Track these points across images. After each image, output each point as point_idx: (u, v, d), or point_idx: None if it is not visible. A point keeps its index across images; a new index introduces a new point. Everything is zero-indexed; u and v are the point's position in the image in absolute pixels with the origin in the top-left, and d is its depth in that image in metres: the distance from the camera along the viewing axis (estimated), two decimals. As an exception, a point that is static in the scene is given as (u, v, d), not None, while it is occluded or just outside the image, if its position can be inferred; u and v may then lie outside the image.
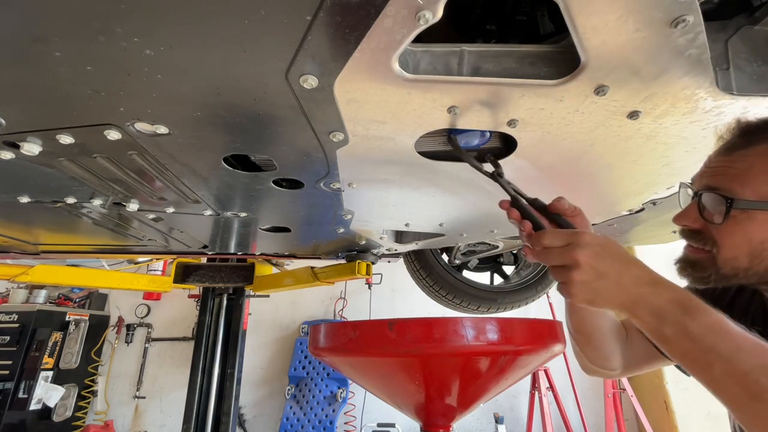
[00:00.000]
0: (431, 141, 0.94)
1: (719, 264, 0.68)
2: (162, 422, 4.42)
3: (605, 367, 0.91)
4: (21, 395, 3.55)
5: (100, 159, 0.88)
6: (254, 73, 0.61)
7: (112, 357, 4.60)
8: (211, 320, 2.81)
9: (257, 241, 1.76)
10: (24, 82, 0.63)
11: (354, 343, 1.11)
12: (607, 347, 0.88)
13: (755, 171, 0.64)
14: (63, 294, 4.48)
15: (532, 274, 2.31)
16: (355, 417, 4.12)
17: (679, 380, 3.85)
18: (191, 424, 2.51)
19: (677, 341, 0.54)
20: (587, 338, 0.89)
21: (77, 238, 1.59)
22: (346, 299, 4.74)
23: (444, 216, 1.36)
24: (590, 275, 0.59)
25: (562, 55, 0.64)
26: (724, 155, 0.69)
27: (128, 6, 0.48)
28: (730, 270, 0.67)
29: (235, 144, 0.84)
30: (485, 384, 1.18)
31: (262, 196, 1.14)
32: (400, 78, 0.62)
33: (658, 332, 0.56)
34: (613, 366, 0.90)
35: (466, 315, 2.10)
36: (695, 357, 0.53)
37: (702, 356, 0.52)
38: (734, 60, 0.63)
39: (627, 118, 0.72)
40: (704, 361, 0.52)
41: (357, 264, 2.05)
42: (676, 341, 0.54)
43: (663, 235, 1.65)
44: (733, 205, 0.64)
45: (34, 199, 1.12)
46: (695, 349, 0.53)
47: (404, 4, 0.49)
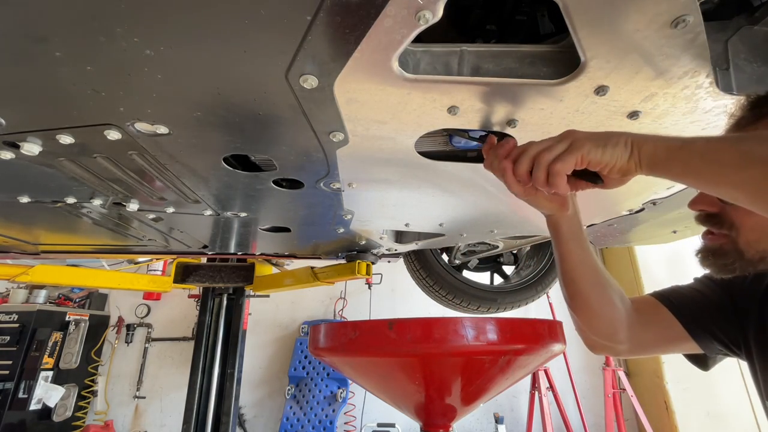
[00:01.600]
0: (431, 141, 0.94)
1: (741, 248, 0.65)
2: (162, 422, 4.42)
3: (611, 340, 0.84)
4: (21, 395, 3.54)
5: (100, 159, 0.88)
6: (254, 73, 0.61)
7: (112, 357, 4.60)
8: (211, 320, 2.81)
9: (257, 241, 1.76)
10: (24, 82, 0.63)
11: (354, 343, 1.10)
12: (607, 313, 0.82)
13: None
14: (63, 294, 4.47)
15: (532, 274, 2.31)
16: (355, 417, 4.12)
17: (679, 380, 3.85)
18: (191, 424, 2.51)
19: (710, 156, 0.51)
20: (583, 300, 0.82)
21: (77, 238, 1.59)
22: (346, 299, 4.74)
23: (444, 216, 1.36)
24: (591, 132, 0.61)
25: (562, 55, 0.64)
26: (734, 132, 0.67)
27: (128, 6, 0.48)
28: (754, 254, 0.65)
29: (235, 144, 0.84)
30: (485, 384, 1.17)
31: (262, 196, 1.14)
32: (400, 78, 0.62)
33: (679, 148, 0.54)
34: (620, 339, 0.83)
35: (466, 315, 2.10)
36: (733, 164, 0.50)
37: (740, 160, 0.49)
38: (734, 60, 0.63)
39: (627, 118, 0.72)
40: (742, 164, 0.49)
41: (357, 264, 2.05)
42: (709, 156, 0.52)
43: (663, 235, 1.65)
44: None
45: (34, 199, 1.12)
46: (733, 157, 0.50)
47: (404, 4, 0.49)
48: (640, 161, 0.58)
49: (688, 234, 1.62)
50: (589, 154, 0.60)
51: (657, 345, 0.88)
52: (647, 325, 0.85)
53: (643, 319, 0.85)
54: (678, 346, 0.85)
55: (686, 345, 0.83)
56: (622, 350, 0.85)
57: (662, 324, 0.84)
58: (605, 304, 0.82)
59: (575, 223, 0.80)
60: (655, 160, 0.57)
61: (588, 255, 0.81)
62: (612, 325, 0.82)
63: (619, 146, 0.59)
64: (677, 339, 0.83)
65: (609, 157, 0.59)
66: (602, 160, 0.60)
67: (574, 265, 0.81)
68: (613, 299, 0.82)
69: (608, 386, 3.52)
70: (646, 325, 0.85)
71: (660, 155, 0.56)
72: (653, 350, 0.91)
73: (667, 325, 0.83)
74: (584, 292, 0.81)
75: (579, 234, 0.80)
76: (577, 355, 4.36)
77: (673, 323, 0.83)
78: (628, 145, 0.59)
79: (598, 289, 0.81)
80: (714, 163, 0.51)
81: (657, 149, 0.56)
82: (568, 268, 0.82)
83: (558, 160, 0.61)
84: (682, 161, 0.54)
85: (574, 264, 0.81)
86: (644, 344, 0.87)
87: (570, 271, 0.82)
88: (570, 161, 0.61)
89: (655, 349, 0.91)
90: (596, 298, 0.81)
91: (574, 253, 0.80)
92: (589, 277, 0.81)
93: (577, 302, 0.83)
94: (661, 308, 0.85)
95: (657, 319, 0.84)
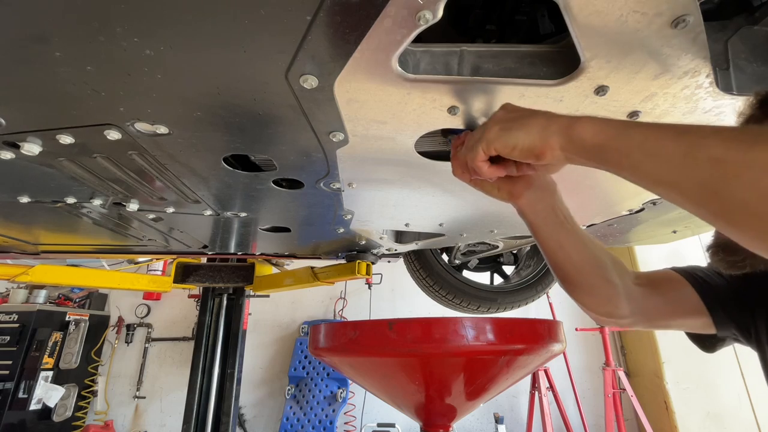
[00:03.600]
0: (431, 141, 0.94)
1: None
2: (162, 422, 4.42)
3: (611, 316, 0.81)
4: (21, 395, 3.55)
5: (100, 159, 0.88)
6: (254, 73, 0.61)
7: (112, 357, 4.60)
8: (211, 320, 2.81)
9: (257, 241, 1.76)
10: (24, 82, 0.63)
11: (354, 343, 1.11)
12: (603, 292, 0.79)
13: None
14: (63, 294, 4.47)
15: (532, 274, 2.31)
16: (355, 417, 4.12)
17: (679, 380, 3.86)
18: (191, 424, 2.51)
19: (650, 147, 0.45)
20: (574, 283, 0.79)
21: (77, 238, 1.59)
22: (346, 299, 4.74)
23: (444, 216, 1.36)
24: (511, 109, 0.59)
25: (562, 55, 0.64)
26: None
27: (128, 6, 0.48)
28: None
29: (235, 144, 0.84)
30: (485, 384, 1.18)
31: (262, 196, 1.14)
32: (400, 78, 0.62)
33: (615, 137, 0.48)
34: (621, 314, 0.80)
35: (466, 315, 2.10)
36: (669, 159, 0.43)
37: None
38: (734, 60, 0.63)
39: (627, 118, 0.72)
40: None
41: (357, 264, 2.05)
42: (649, 147, 0.45)
43: (663, 235, 1.65)
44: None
45: (34, 199, 1.12)
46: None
47: (404, 5, 0.49)
48: (562, 145, 0.53)
49: (688, 234, 1.62)
50: (493, 142, 0.57)
51: (667, 318, 0.85)
52: (662, 297, 0.83)
53: (655, 291, 0.83)
54: (690, 320, 0.82)
55: (698, 321, 0.81)
56: (627, 323, 0.83)
57: (679, 298, 0.81)
58: (599, 284, 0.78)
59: (542, 208, 0.75)
60: (584, 146, 0.51)
61: (568, 238, 0.77)
62: (610, 302, 0.79)
63: (529, 128, 0.55)
64: (692, 313, 0.80)
65: (514, 141, 0.55)
66: (508, 145, 0.56)
67: (554, 250, 0.78)
68: (607, 276, 0.78)
69: (608, 386, 3.52)
70: (661, 298, 0.83)
71: (591, 140, 0.50)
72: (662, 323, 0.88)
73: (685, 299, 0.81)
74: (572, 275, 0.79)
75: (550, 217, 0.76)
76: (577, 355, 4.36)
77: (692, 298, 0.80)
78: (544, 128, 0.54)
79: (588, 270, 0.78)
80: (654, 157, 0.44)
81: (585, 134, 0.50)
82: (549, 254, 0.79)
83: (468, 151, 0.61)
84: (617, 150, 0.48)
85: (553, 249, 0.78)
86: (653, 317, 0.84)
87: (552, 256, 0.79)
88: (477, 151, 0.59)
89: (665, 322, 0.87)
90: (587, 279, 0.78)
91: (550, 239, 0.77)
92: (575, 260, 0.77)
93: (568, 285, 0.81)
94: (682, 282, 0.82)
95: (675, 293, 0.82)
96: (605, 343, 3.68)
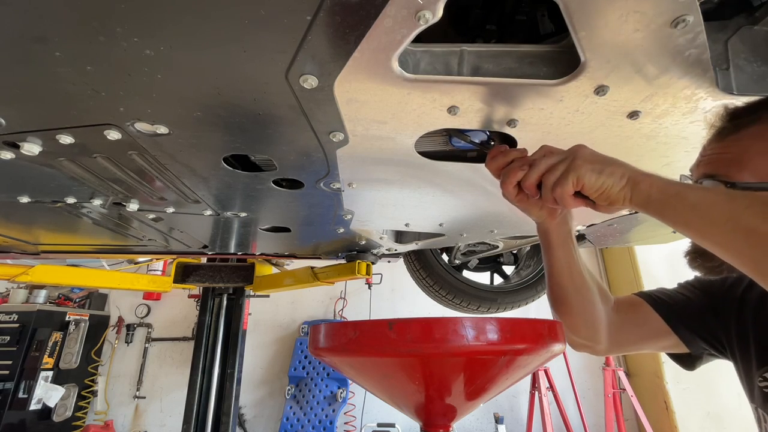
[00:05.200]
0: (431, 141, 0.94)
1: None
2: (162, 422, 4.42)
3: (591, 340, 0.87)
4: (21, 395, 3.55)
5: (100, 159, 0.88)
6: (254, 73, 0.61)
7: (112, 357, 4.60)
8: (211, 320, 2.81)
9: (257, 241, 1.76)
10: (24, 82, 0.63)
11: (354, 343, 1.10)
12: (589, 317, 0.84)
13: (751, 153, 0.64)
14: (63, 294, 4.48)
15: (532, 274, 2.31)
16: (355, 417, 4.12)
17: (679, 380, 3.86)
18: (191, 424, 2.51)
19: (701, 211, 0.53)
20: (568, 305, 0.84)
21: (77, 238, 1.59)
22: (346, 299, 4.74)
23: (444, 216, 1.36)
24: (594, 153, 0.63)
25: (562, 55, 0.64)
26: (716, 142, 0.70)
27: (128, 6, 0.48)
28: None
29: (235, 144, 0.84)
30: (485, 384, 1.17)
31: (262, 196, 1.14)
32: (400, 78, 0.62)
33: (675, 195, 0.56)
34: (599, 340, 0.86)
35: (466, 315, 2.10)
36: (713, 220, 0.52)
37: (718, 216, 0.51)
38: (734, 60, 0.63)
39: (627, 118, 0.72)
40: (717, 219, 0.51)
41: (357, 264, 2.05)
42: (700, 211, 0.53)
43: (663, 235, 1.65)
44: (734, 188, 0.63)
45: (34, 199, 1.12)
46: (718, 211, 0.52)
47: (404, 4, 0.49)
48: (632, 197, 0.60)
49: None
50: (583, 178, 0.61)
51: (637, 342, 0.91)
52: (628, 323, 0.88)
53: (625, 317, 0.88)
54: (659, 342, 0.86)
55: (667, 341, 0.85)
56: (601, 349, 0.88)
57: (643, 321, 0.86)
58: (588, 309, 0.84)
59: (565, 231, 0.82)
60: (648, 200, 0.58)
61: (574, 262, 0.83)
62: (593, 327, 0.85)
63: (615, 176, 0.61)
64: (658, 335, 0.85)
65: (601, 184, 0.61)
66: (595, 186, 0.61)
67: (561, 270, 0.83)
68: (595, 303, 0.85)
69: (608, 386, 3.52)
70: (627, 323, 0.88)
71: (653, 197, 0.58)
72: (633, 348, 0.94)
73: (648, 321, 0.86)
74: (568, 297, 0.84)
75: (567, 241, 0.82)
76: (577, 355, 4.36)
77: (654, 319, 0.85)
78: (623, 177, 0.60)
79: (582, 294, 0.84)
80: (703, 219, 0.53)
81: (652, 190, 0.58)
82: (555, 274, 0.84)
83: (558, 185, 0.63)
84: (674, 209, 0.56)
85: (560, 270, 0.83)
86: (623, 342, 0.90)
87: (556, 276, 0.84)
88: (568, 185, 0.62)
89: (635, 346, 0.93)
90: (579, 303, 0.84)
91: (561, 259, 0.83)
92: (575, 283, 0.83)
93: (561, 306, 0.86)
94: (644, 306, 0.87)
95: (639, 317, 0.87)
96: (605, 343, 3.68)
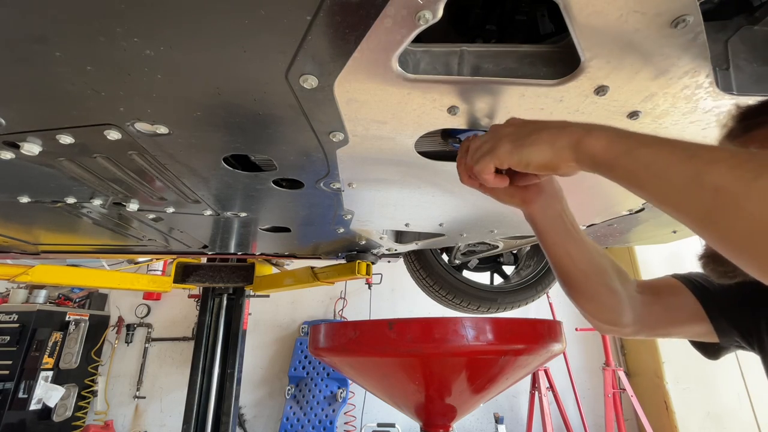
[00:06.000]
0: (431, 141, 0.94)
1: None
2: (162, 422, 4.42)
3: (614, 324, 0.81)
4: (21, 395, 3.55)
5: (100, 159, 0.88)
6: (254, 73, 0.61)
7: (112, 357, 4.60)
8: (211, 320, 2.81)
9: (257, 241, 1.76)
10: (24, 82, 0.63)
11: (354, 343, 1.10)
12: (606, 300, 0.79)
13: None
14: (63, 294, 4.47)
15: (532, 274, 2.31)
16: (355, 417, 4.12)
17: (679, 380, 3.85)
18: (191, 424, 2.51)
19: (656, 169, 0.45)
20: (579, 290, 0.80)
21: (77, 238, 1.59)
22: (346, 299, 4.74)
23: (444, 216, 1.36)
24: (520, 123, 0.59)
25: (562, 55, 0.64)
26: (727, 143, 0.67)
27: (128, 6, 0.48)
28: None
29: (235, 144, 0.84)
30: (485, 384, 1.17)
31: (262, 196, 1.14)
32: (400, 78, 0.62)
33: (625, 153, 0.48)
34: (624, 323, 0.81)
35: (466, 315, 2.10)
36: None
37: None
38: (734, 60, 0.63)
39: (627, 118, 0.72)
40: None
41: (357, 264, 2.05)
42: (655, 169, 0.45)
43: (663, 235, 1.65)
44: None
45: (34, 199, 1.12)
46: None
47: (404, 4, 0.49)
48: (576, 158, 0.53)
49: (688, 234, 1.62)
50: (506, 158, 0.58)
51: (668, 326, 0.85)
52: (661, 305, 0.83)
53: (658, 299, 0.83)
54: (691, 328, 0.82)
55: (699, 329, 0.81)
56: (628, 332, 0.83)
57: (680, 305, 0.81)
58: (603, 292, 0.79)
59: (551, 214, 0.76)
60: (594, 161, 0.51)
61: (574, 244, 0.77)
62: (613, 310, 0.80)
63: (539, 144, 0.55)
64: (692, 321, 0.80)
65: (523, 157, 0.56)
66: (520, 162, 0.57)
67: (560, 256, 0.78)
68: (611, 285, 0.79)
69: (608, 386, 3.52)
70: (660, 306, 0.83)
71: (599, 158, 0.51)
72: (662, 332, 0.88)
73: (685, 306, 0.81)
74: (578, 282, 0.79)
75: (558, 225, 0.76)
76: (577, 355, 4.36)
77: (691, 304, 0.80)
78: (554, 143, 0.54)
79: (592, 277, 0.78)
80: (660, 179, 0.45)
81: (596, 149, 0.51)
82: (555, 260, 0.80)
83: (477, 163, 0.61)
84: (625, 169, 0.48)
85: (559, 255, 0.78)
86: (654, 325, 0.85)
87: (557, 263, 0.79)
88: (486, 164, 0.59)
89: (665, 330, 0.87)
90: (592, 286, 0.79)
91: (558, 245, 0.77)
92: (579, 267, 0.78)
93: (572, 292, 0.81)
94: (682, 289, 0.82)
95: (674, 300, 0.82)
96: (605, 343, 3.69)
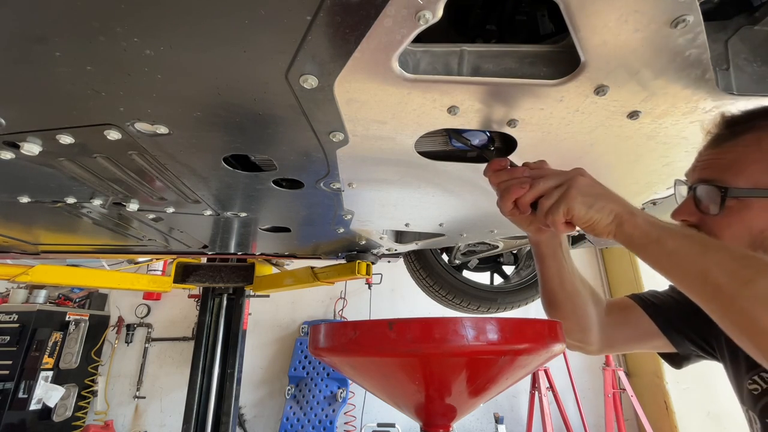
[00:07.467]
0: (431, 141, 0.94)
1: None
2: (162, 422, 4.42)
3: (582, 342, 0.91)
4: (21, 395, 3.55)
5: (100, 159, 0.88)
6: (254, 73, 0.61)
7: (112, 357, 4.60)
8: (211, 320, 2.81)
9: (257, 241, 1.76)
10: (24, 82, 0.63)
11: (354, 343, 1.10)
12: (580, 320, 0.88)
13: (747, 160, 0.66)
14: (63, 294, 4.48)
15: (532, 274, 2.31)
16: (355, 417, 4.12)
17: (679, 380, 3.85)
18: (191, 424, 2.51)
19: (676, 259, 0.57)
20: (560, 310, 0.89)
21: (77, 238, 1.59)
22: (346, 299, 4.74)
23: (444, 216, 1.36)
24: (589, 184, 0.66)
25: (562, 55, 0.64)
26: (713, 148, 0.71)
27: (128, 6, 0.48)
28: None
29: (235, 144, 0.84)
30: (485, 384, 1.17)
31: (262, 196, 1.14)
32: (400, 78, 0.62)
33: (655, 241, 0.59)
34: (590, 341, 0.90)
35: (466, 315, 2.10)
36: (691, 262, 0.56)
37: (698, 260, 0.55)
38: (734, 60, 0.63)
39: (627, 118, 0.72)
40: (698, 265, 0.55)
41: (357, 264, 2.05)
42: (675, 259, 0.57)
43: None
44: (728, 194, 0.66)
45: (34, 199, 1.12)
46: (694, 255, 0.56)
47: (404, 4, 0.49)
48: (616, 234, 0.63)
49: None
50: (573, 210, 0.64)
51: (628, 342, 0.94)
52: (620, 324, 0.92)
53: (617, 319, 0.92)
54: (649, 342, 0.90)
55: (657, 342, 0.88)
56: (593, 350, 0.92)
57: (635, 322, 0.89)
58: (579, 313, 0.88)
59: (555, 243, 0.86)
60: (631, 241, 0.62)
61: (565, 271, 0.87)
62: (584, 329, 0.89)
63: (603, 212, 0.63)
64: (648, 336, 0.88)
65: (589, 218, 0.64)
66: (583, 219, 0.65)
67: (552, 279, 0.88)
68: (586, 308, 0.89)
69: (608, 386, 3.52)
70: (619, 325, 0.92)
71: (635, 240, 0.61)
72: (624, 347, 0.99)
73: (639, 323, 0.89)
74: (560, 303, 0.88)
75: (557, 252, 0.86)
76: (577, 355, 4.35)
77: (644, 321, 0.88)
78: (611, 214, 0.63)
79: (572, 300, 0.88)
80: (678, 268, 0.57)
81: (635, 233, 0.61)
82: (546, 281, 0.89)
83: (550, 213, 0.66)
84: (652, 254, 0.60)
85: (551, 278, 0.88)
86: (614, 343, 0.94)
87: (548, 283, 0.89)
88: (559, 214, 0.66)
89: (626, 346, 0.97)
90: (570, 308, 0.88)
91: (552, 268, 0.87)
92: (565, 290, 0.87)
93: (553, 311, 0.90)
94: (635, 308, 0.90)
95: (630, 318, 0.90)
96: (605, 343, 3.68)
